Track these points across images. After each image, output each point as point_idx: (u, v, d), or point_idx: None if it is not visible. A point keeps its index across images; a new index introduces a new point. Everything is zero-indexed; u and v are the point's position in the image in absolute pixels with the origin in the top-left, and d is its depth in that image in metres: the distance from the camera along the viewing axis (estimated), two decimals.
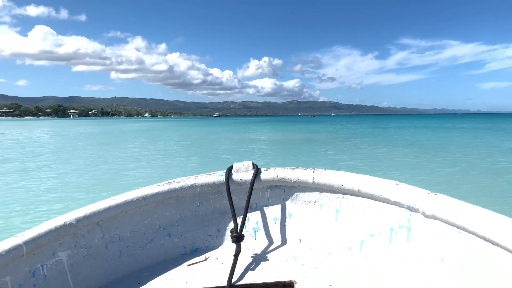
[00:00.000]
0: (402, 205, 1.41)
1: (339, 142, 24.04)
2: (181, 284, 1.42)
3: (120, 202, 1.58)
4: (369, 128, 48.84)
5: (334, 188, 1.67)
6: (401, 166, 12.18)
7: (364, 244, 1.55)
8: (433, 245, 1.28)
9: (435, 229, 1.28)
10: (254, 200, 1.80)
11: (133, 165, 12.83)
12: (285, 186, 1.79)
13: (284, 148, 19.96)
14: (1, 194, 7.89)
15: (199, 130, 46.16)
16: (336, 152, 17.39)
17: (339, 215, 1.67)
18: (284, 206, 1.80)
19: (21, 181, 9.69)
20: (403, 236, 1.41)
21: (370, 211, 1.57)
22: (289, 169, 1.77)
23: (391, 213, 1.48)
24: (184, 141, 25.82)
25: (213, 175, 1.78)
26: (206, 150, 19.42)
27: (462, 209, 1.20)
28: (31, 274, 1.29)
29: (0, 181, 9.50)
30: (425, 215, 1.32)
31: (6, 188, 8.60)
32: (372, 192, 1.53)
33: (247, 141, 25.33)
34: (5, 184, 9.16)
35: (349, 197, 1.65)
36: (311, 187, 1.74)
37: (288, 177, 1.75)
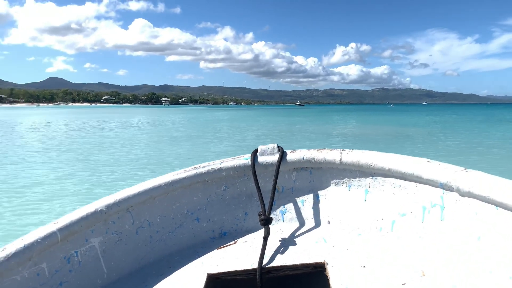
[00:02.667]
0: (436, 183, 1.39)
1: (440, 140, 20.82)
2: (212, 267, 1.44)
3: (148, 188, 1.59)
4: (476, 122, 43.12)
5: (363, 168, 1.64)
6: None
7: (395, 224, 1.53)
8: (469, 223, 1.25)
9: (471, 207, 1.26)
10: (280, 183, 1.78)
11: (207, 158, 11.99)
12: (312, 168, 1.77)
13: (372, 147, 17.66)
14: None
15: (279, 121, 44.91)
16: (441, 155, 14.71)
17: (368, 195, 1.66)
18: (311, 188, 1.79)
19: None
20: (436, 215, 1.39)
21: (401, 190, 1.55)
22: (315, 150, 1.76)
23: (424, 192, 1.46)
24: (262, 134, 24.72)
25: (238, 158, 1.78)
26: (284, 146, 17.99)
27: (499, 186, 1.17)
28: (66, 261, 1.33)
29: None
30: (460, 193, 1.30)
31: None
32: (404, 171, 1.49)
33: (329, 136, 23.38)
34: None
35: (379, 177, 1.63)
36: (338, 168, 1.72)
37: (315, 158, 1.73)
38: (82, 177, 9.79)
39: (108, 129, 28.66)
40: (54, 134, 24.23)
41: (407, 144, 18.32)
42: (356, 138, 21.87)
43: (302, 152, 1.76)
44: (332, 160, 1.70)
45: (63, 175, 10.13)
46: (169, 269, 1.48)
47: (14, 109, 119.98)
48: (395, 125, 35.57)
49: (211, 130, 28.20)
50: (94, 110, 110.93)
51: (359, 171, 1.67)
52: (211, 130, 28.74)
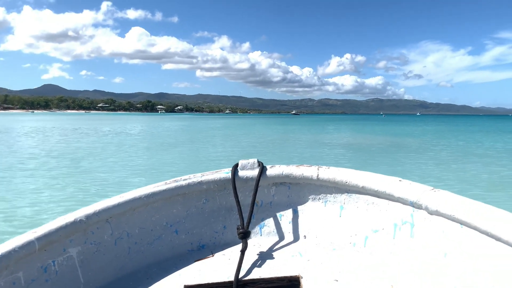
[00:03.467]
0: (406, 201, 1.44)
1: (434, 150, 20.82)
2: (189, 280, 1.45)
3: (128, 199, 1.60)
4: (468, 132, 43.34)
5: (339, 185, 1.70)
6: None
7: (368, 240, 1.58)
8: (436, 240, 1.31)
9: (438, 225, 1.32)
10: (259, 197, 1.82)
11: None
12: (290, 183, 1.81)
13: (366, 156, 17.56)
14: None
15: (275, 130, 44.83)
16: (433, 164, 14.63)
17: (343, 211, 1.71)
18: (289, 202, 1.83)
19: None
20: (406, 232, 1.44)
21: (374, 207, 1.61)
22: (294, 166, 1.80)
23: (395, 209, 1.51)
24: (256, 142, 24.57)
25: (219, 172, 1.81)
26: (277, 154, 17.82)
27: (464, 205, 1.23)
28: (43, 270, 1.32)
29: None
30: (429, 211, 1.35)
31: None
32: (376, 189, 1.56)
33: (323, 145, 23.26)
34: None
35: (353, 194, 1.68)
36: (315, 184, 1.77)
37: (293, 174, 1.77)
38: (69, 185, 9.56)
39: (99, 136, 28.39)
40: (44, 140, 23.92)
41: (400, 154, 18.24)
42: (350, 147, 21.78)
43: (282, 167, 1.80)
44: (310, 176, 1.74)
45: (49, 182, 9.89)
46: (146, 280, 1.48)
47: (7, 115, 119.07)
48: (388, 135, 35.61)
49: (203, 138, 28.00)
50: (88, 117, 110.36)
51: (335, 188, 1.72)
52: (203, 138, 28.55)
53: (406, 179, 1.55)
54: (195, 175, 1.77)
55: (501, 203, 8.44)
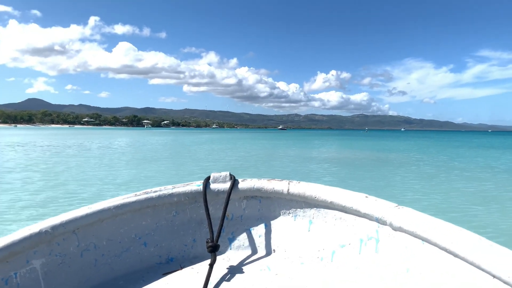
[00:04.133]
0: (371, 217, 1.47)
1: (416, 164, 20.81)
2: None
3: (96, 210, 1.56)
4: (450, 147, 43.85)
5: (308, 200, 1.70)
6: None
7: (335, 255, 1.59)
8: (399, 256, 1.34)
9: (401, 241, 1.35)
10: (230, 211, 1.81)
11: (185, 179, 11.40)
12: (261, 196, 1.80)
13: (353, 170, 17.38)
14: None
15: (261, 144, 44.58)
16: (417, 179, 14.51)
17: (312, 226, 1.71)
18: (260, 216, 1.82)
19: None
20: (372, 247, 1.47)
21: (341, 222, 1.62)
22: (265, 180, 1.79)
23: (361, 225, 1.53)
24: (241, 157, 24.24)
25: (190, 185, 1.79)
26: (262, 169, 17.51)
27: (425, 222, 1.26)
28: (4, 282, 1.27)
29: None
30: (393, 227, 1.38)
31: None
32: (344, 204, 1.57)
33: (310, 159, 23.07)
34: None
35: (322, 209, 1.69)
36: (286, 198, 1.76)
37: (264, 187, 1.77)
38: (40, 197, 9.05)
39: (78, 150, 27.67)
40: (20, 154, 23.14)
41: (384, 169, 18.15)
42: (336, 162, 21.62)
43: (253, 181, 1.79)
44: (281, 190, 1.74)
45: (20, 195, 9.35)
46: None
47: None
48: (374, 150, 35.72)
49: (186, 153, 27.52)
50: (71, 131, 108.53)
51: (305, 202, 1.72)
52: (187, 152, 28.07)
53: (390, 193, 1.56)
54: (166, 187, 1.75)
55: (480, 217, 8.48)
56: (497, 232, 7.18)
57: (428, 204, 9.67)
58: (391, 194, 10.91)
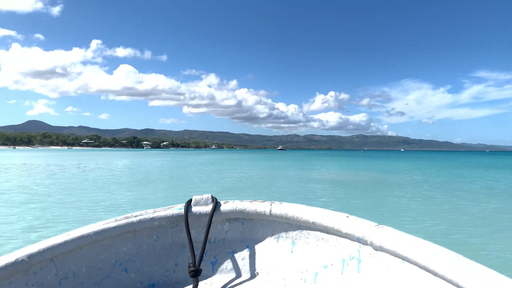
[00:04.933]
0: (353, 237, 1.47)
1: (418, 186, 20.31)
2: None
3: (75, 237, 1.52)
4: (450, 168, 43.35)
5: (290, 221, 1.68)
6: None
7: (318, 276, 1.58)
8: (380, 276, 1.34)
9: (382, 260, 1.34)
10: (213, 234, 1.79)
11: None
12: (244, 218, 1.79)
13: (354, 193, 16.87)
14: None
15: (259, 165, 44.05)
16: (417, 200, 14.00)
17: (295, 247, 1.70)
18: (243, 239, 1.80)
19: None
20: (354, 267, 1.46)
21: (324, 243, 1.61)
22: (248, 202, 1.78)
23: (343, 245, 1.54)
24: (240, 178, 23.72)
25: (171, 208, 1.76)
26: (260, 191, 16.98)
27: (405, 241, 1.26)
28: None
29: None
30: (374, 247, 1.38)
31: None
32: (325, 225, 1.57)
33: (310, 181, 22.55)
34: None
35: (304, 229, 1.68)
36: (268, 220, 1.75)
37: (247, 209, 1.75)
38: (26, 221, 8.53)
39: (73, 172, 27.15)
40: (11, 175, 22.62)
41: (385, 190, 17.65)
42: (337, 183, 21.10)
43: (235, 203, 1.77)
44: (263, 212, 1.72)
45: (7, 218, 8.83)
46: None
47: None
48: (374, 171, 35.21)
49: (184, 174, 26.99)
50: (69, 152, 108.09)
51: (287, 223, 1.71)
52: (184, 174, 27.53)
53: (389, 215, 1.55)
54: (147, 211, 1.71)
55: (484, 239, 8.10)
56: (497, 256, 6.77)
57: (428, 225, 9.22)
58: (390, 216, 10.44)
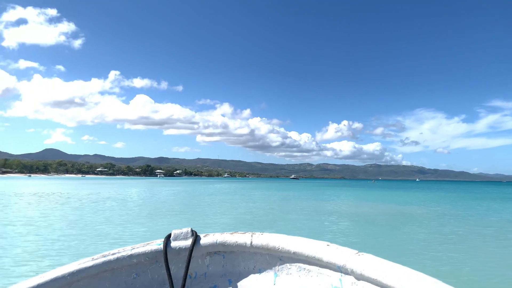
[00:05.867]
0: (334, 266, 1.44)
1: (438, 221, 19.16)
2: None
3: (49, 279, 1.43)
4: (469, 199, 41.69)
5: (271, 252, 1.65)
6: None
7: None
8: None
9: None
10: (193, 269, 1.73)
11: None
12: (225, 251, 1.74)
13: (370, 227, 15.89)
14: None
15: (272, 195, 43.11)
16: (437, 237, 12.96)
17: (277, 279, 1.66)
18: (224, 272, 1.75)
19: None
20: None
21: (306, 274, 1.58)
22: (228, 234, 1.74)
23: (325, 275, 1.50)
24: (250, 211, 22.89)
25: (150, 244, 1.70)
26: (272, 223, 16.13)
27: (386, 268, 1.25)
28: None
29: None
30: (355, 276, 1.36)
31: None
32: (307, 254, 1.53)
33: (324, 213, 21.59)
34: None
35: (286, 260, 1.64)
36: (249, 252, 1.71)
37: (227, 241, 1.71)
38: (19, 256, 7.91)
39: (82, 201, 26.71)
40: (18, 205, 22.26)
41: (406, 225, 16.59)
42: (354, 217, 20.11)
43: (216, 235, 1.74)
44: (244, 244, 1.69)
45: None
46: None
47: (3, 179, 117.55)
48: (391, 202, 33.93)
49: (195, 205, 26.28)
50: (83, 181, 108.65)
51: (269, 255, 1.67)
52: (196, 204, 26.83)
53: (409, 253, 1.51)
54: (125, 249, 1.65)
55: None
56: None
57: (450, 266, 8.25)
58: (409, 254, 9.52)
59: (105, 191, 46.03)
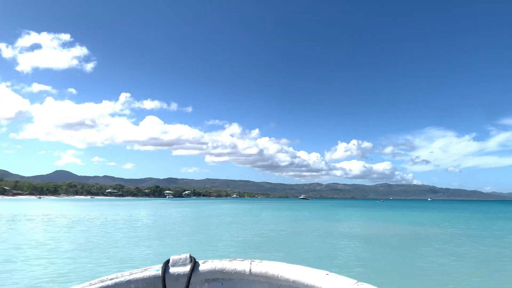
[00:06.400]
0: None
1: (461, 241, 18.54)
2: None
3: None
4: (485, 219, 40.59)
5: (270, 280, 1.62)
6: None
7: None
8: None
9: None
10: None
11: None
12: (223, 279, 1.71)
13: (385, 250, 15.38)
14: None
15: (282, 216, 42.52)
16: (454, 259, 12.43)
17: None
18: None
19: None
20: None
21: None
22: (227, 261, 1.72)
23: None
24: (260, 234, 22.45)
25: (148, 270, 1.68)
26: (282, 245, 15.70)
27: None
28: None
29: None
30: None
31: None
32: (306, 283, 1.51)
33: (335, 235, 21.08)
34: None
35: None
36: (248, 279, 1.68)
37: (226, 269, 1.69)
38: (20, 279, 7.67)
39: (90, 223, 26.52)
40: (22, 227, 22.15)
41: (428, 246, 16.05)
42: (367, 239, 19.57)
43: (214, 262, 1.72)
44: (242, 271, 1.66)
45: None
46: None
47: (13, 201, 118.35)
48: (404, 223, 33.18)
49: (203, 227, 25.91)
50: (91, 202, 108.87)
51: (268, 283, 1.64)
52: (203, 226, 26.46)
53: (426, 278, 1.46)
54: (123, 274, 1.62)
55: None
56: None
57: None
58: (426, 279, 9.06)
59: (114, 212, 45.90)
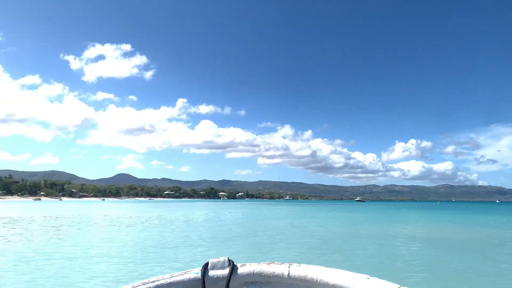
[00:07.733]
0: None
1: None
2: None
3: None
4: None
5: (309, 284, 1.63)
6: None
7: None
8: None
9: None
10: None
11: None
12: (262, 282, 1.73)
13: (456, 255, 14.07)
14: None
15: (338, 219, 41.30)
16: None
17: None
18: None
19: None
20: None
21: None
22: (265, 264, 1.73)
23: None
24: (319, 237, 21.72)
25: (188, 273, 1.72)
26: (340, 248, 14.92)
27: None
28: None
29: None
30: None
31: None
32: (346, 287, 1.52)
33: (396, 237, 19.83)
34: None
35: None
36: (287, 283, 1.69)
37: (264, 272, 1.70)
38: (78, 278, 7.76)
39: (149, 223, 27.28)
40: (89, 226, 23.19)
41: (499, 253, 14.47)
42: (437, 243, 18.18)
43: (253, 265, 1.72)
44: (281, 275, 1.67)
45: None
46: None
47: (80, 202, 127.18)
48: (477, 226, 30.67)
49: (263, 230, 25.65)
50: (150, 203, 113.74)
51: (306, 287, 1.65)
52: (264, 229, 26.20)
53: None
54: (164, 277, 1.67)
55: None
56: None
57: None
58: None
59: (173, 214, 47.23)
